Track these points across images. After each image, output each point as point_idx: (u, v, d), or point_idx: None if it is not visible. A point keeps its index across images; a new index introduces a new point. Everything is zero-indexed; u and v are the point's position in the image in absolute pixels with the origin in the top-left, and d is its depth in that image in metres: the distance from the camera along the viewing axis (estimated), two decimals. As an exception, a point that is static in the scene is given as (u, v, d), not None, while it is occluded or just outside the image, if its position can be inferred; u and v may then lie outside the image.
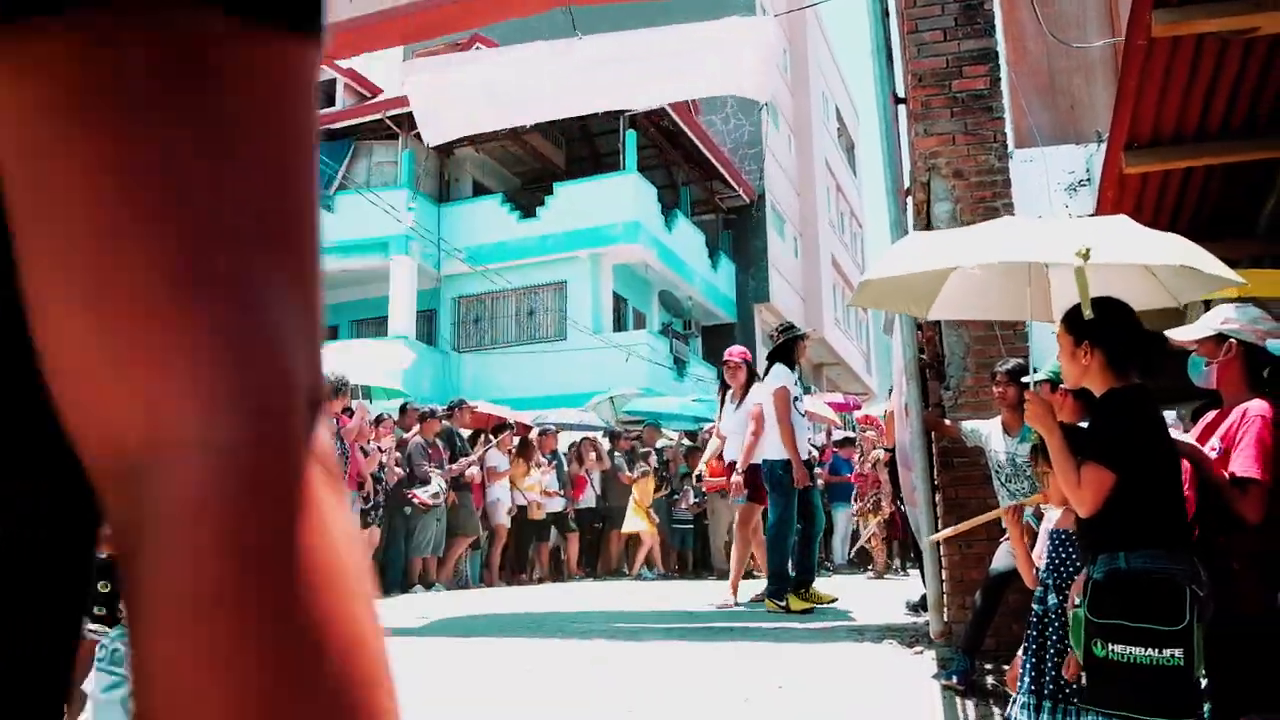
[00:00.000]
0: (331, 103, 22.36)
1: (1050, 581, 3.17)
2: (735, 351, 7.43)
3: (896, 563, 12.53)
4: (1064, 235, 3.07)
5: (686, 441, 12.89)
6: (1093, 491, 2.56)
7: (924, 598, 6.71)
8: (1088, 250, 2.80)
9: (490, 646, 5.47)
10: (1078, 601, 2.84)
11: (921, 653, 4.89)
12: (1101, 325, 2.69)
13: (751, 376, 7.17)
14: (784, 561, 6.64)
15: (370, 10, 6.99)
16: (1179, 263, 2.89)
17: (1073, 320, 2.76)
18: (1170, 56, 3.31)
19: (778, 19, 7.10)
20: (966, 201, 5.29)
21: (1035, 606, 3.19)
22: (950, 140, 5.42)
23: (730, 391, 7.25)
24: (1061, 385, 3.69)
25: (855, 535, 12.25)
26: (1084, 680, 2.75)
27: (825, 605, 6.78)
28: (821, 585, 7.31)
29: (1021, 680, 3.15)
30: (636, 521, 11.26)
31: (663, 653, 5.10)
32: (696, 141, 22.85)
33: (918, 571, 7.30)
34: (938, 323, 5.31)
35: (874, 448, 11.58)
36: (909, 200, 5.61)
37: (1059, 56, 6.12)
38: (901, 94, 5.71)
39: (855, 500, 11.48)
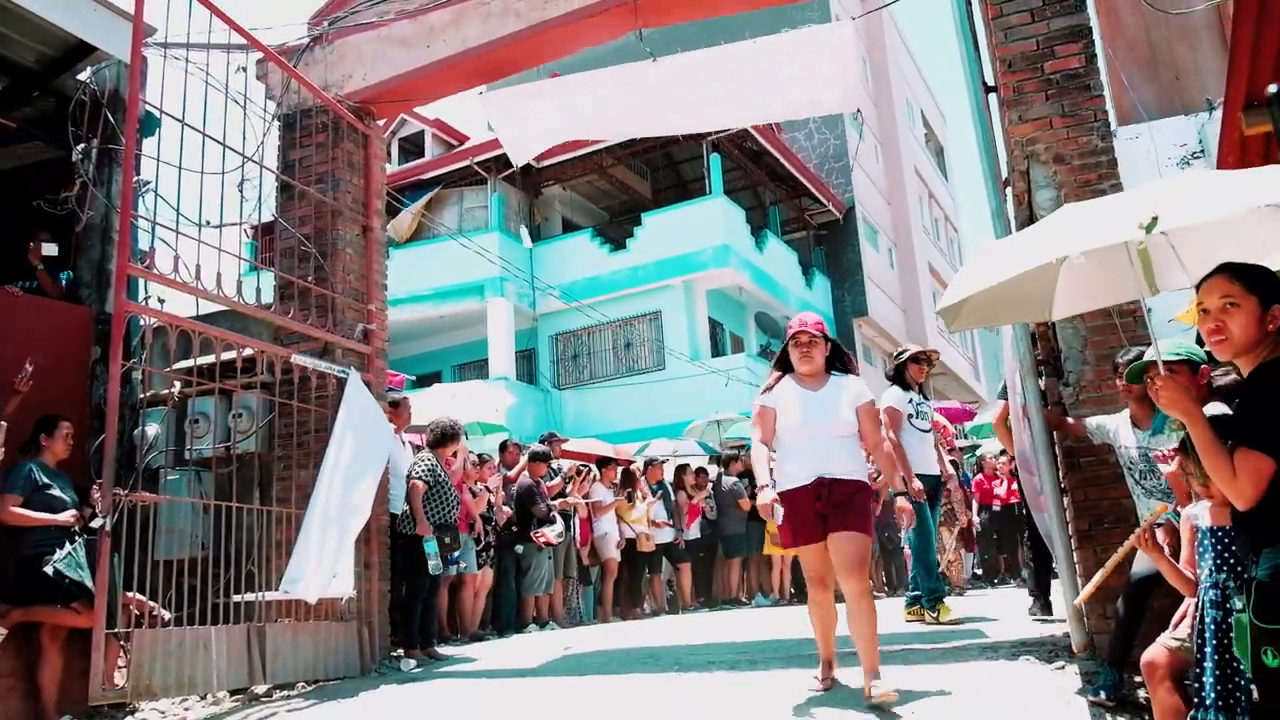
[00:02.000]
0: (421, 153, 22.91)
1: (1231, 584, 2.85)
2: (810, 321, 4.71)
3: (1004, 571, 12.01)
4: (1127, 208, 2.79)
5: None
6: (1250, 481, 2.29)
7: (1044, 603, 6.44)
8: (1153, 220, 2.53)
9: (606, 684, 5.34)
10: (1240, 605, 2.56)
11: (1063, 668, 4.58)
12: None
13: (838, 355, 4.74)
14: (930, 574, 6.87)
15: (446, 54, 7.07)
16: (1267, 202, 2.54)
17: (1257, 275, 2.47)
18: (1287, 1, 3.03)
19: (855, 22, 6.83)
20: (1070, 186, 5.01)
21: (1212, 611, 2.88)
22: (1047, 124, 5.16)
23: (795, 375, 4.67)
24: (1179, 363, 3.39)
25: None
26: (1255, 694, 2.46)
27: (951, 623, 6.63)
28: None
29: (1203, 697, 2.84)
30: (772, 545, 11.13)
31: (785, 682, 4.89)
32: (781, 159, 22.64)
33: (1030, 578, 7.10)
34: (1050, 316, 5.02)
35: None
36: (1008, 191, 5.35)
37: (1158, 25, 5.78)
38: (992, 82, 5.46)
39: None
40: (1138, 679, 4.25)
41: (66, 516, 5.42)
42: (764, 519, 4.55)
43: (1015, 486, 10.63)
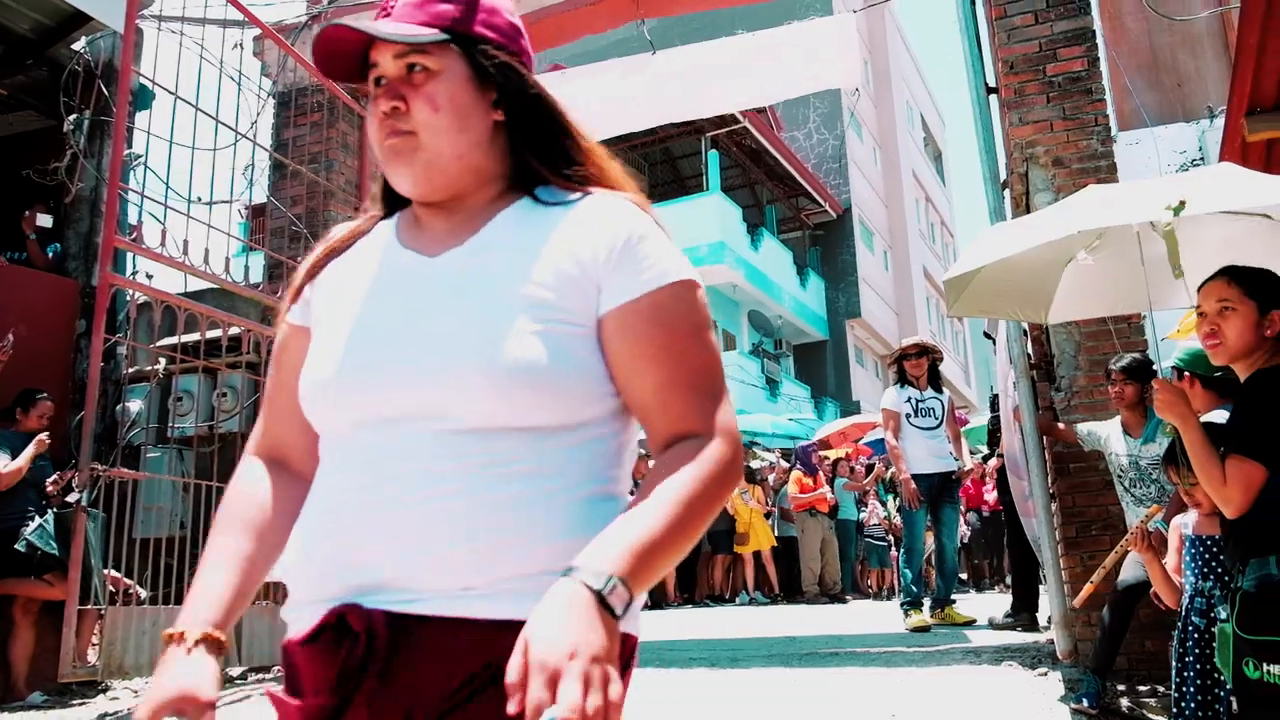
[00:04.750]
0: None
1: (1216, 593, 2.82)
2: None
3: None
4: (1155, 191, 2.75)
5: (784, 461, 12.95)
6: (1241, 489, 2.25)
7: (1007, 614, 6.40)
8: (1180, 203, 2.49)
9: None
10: (1224, 615, 2.52)
11: (1046, 674, 4.55)
12: None
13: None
14: (907, 578, 6.75)
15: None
16: None
17: (1257, 280, 2.41)
18: (1295, 7, 3.00)
19: (856, 15, 6.77)
20: (1069, 190, 4.94)
21: (1197, 620, 2.84)
22: (1048, 127, 5.12)
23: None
24: (1188, 371, 3.36)
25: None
26: (1234, 706, 2.43)
27: (945, 625, 6.59)
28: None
29: (1182, 706, 2.81)
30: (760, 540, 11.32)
31: (765, 680, 4.85)
32: (780, 158, 22.60)
33: (1011, 584, 7.03)
34: (1044, 320, 4.98)
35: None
36: (1006, 193, 5.31)
37: (1161, 32, 5.74)
38: (993, 83, 5.42)
39: None
40: (1120, 687, 4.24)
41: (44, 438, 5.33)
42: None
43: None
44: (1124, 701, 4.11)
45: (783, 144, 23.24)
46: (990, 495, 12.70)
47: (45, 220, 7.04)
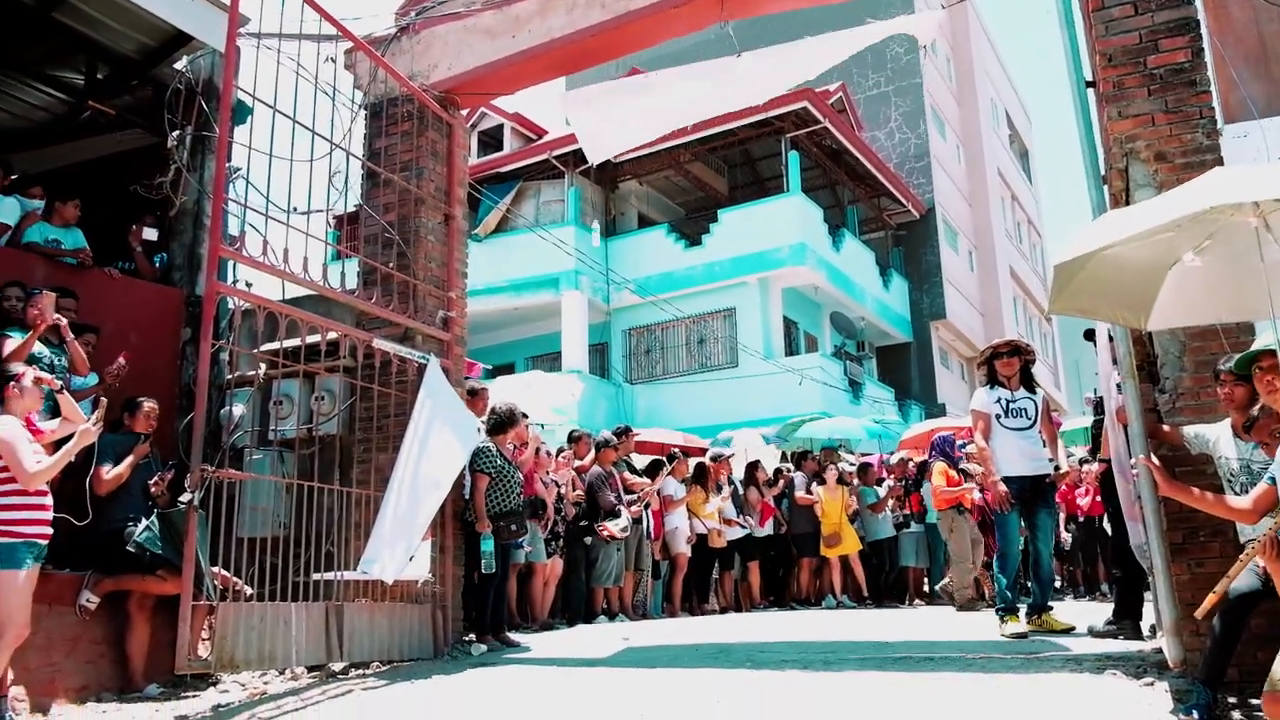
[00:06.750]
0: (500, 146, 23.13)
1: None
2: None
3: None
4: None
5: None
6: None
7: (1108, 622, 6.20)
8: None
9: (677, 676, 5.31)
10: None
11: (1152, 684, 4.41)
12: None
13: None
14: (1002, 584, 6.62)
15: (531, 45, 7.10)
16: None
17: None
18: None
19: (942, 12, 6.67)
20: (1172, 185, 4.79)
21: None
22: (1149, 121, 4.97)
23: None
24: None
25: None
26: None
27: (1042, 632, 6.40)
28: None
29: None
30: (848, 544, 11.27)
31: (860, 684, 4.81)
32: (861, 158, 22.37)
33: (1115, 591, 6.79)
34: (1147, 318, 4.84)
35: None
36: (1106, 190, 5.17)
37: (1269, 20, 5.53)
38: (1090, 77, 5.29)
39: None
40: (1232, 699, 4.09)
41: (143, 447, 5.71)
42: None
43: (1099, 499, 10.19)
44: (1236, 715, 3.97)
45: (863, 143, 22.99)
46: (1083, 500, 12.35)
47: (151, 233, 7.35)
